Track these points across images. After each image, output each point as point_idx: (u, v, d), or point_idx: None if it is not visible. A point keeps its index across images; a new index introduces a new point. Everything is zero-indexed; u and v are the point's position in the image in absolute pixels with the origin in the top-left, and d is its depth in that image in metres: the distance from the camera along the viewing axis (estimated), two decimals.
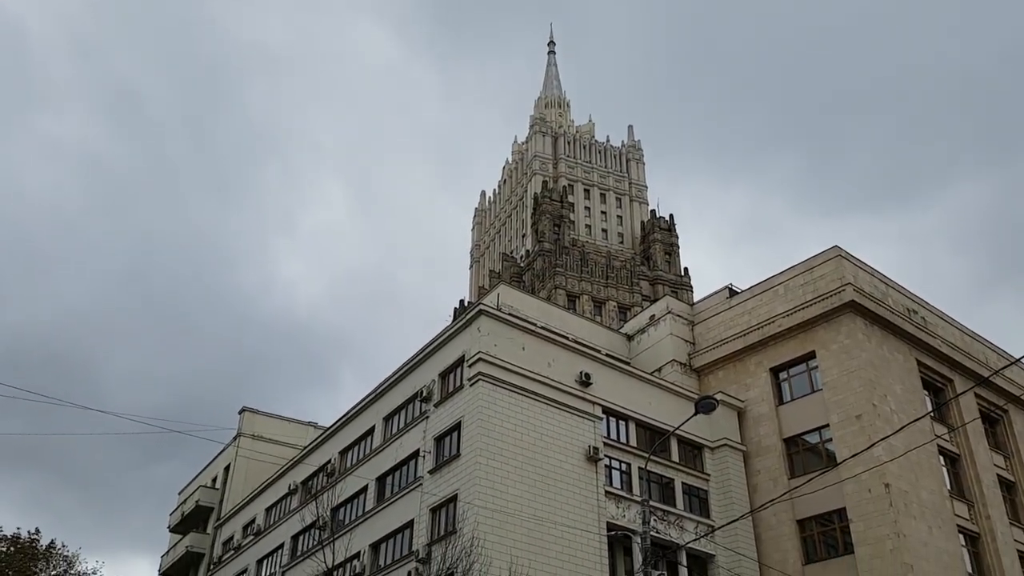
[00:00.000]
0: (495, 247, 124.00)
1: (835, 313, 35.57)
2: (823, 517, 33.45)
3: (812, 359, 36.25)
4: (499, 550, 26.59)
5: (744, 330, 39.02)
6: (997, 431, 40.29)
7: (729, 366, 39.34)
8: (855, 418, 33.24)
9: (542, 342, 32.84)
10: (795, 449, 35.80)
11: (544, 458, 30.12)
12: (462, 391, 31.12)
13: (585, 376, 32.93)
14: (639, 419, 34.34)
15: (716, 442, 36.18)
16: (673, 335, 41.11)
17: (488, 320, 31.77)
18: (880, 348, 35.69)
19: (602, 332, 44.32)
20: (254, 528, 46.09)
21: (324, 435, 42.27)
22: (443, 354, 33.48)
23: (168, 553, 57.10)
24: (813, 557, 33.19)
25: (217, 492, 54.27)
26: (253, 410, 55.19)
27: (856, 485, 32.01)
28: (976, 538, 34.95)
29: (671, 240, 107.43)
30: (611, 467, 32.56)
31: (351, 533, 33.68)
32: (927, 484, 33.38)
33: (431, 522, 30.30)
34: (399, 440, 34.45)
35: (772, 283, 39.04)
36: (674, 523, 32.74)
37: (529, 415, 30.70)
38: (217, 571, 49.52)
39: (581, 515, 29.90)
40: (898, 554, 30.17)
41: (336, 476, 38.33)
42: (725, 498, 34.89)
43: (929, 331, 38.43)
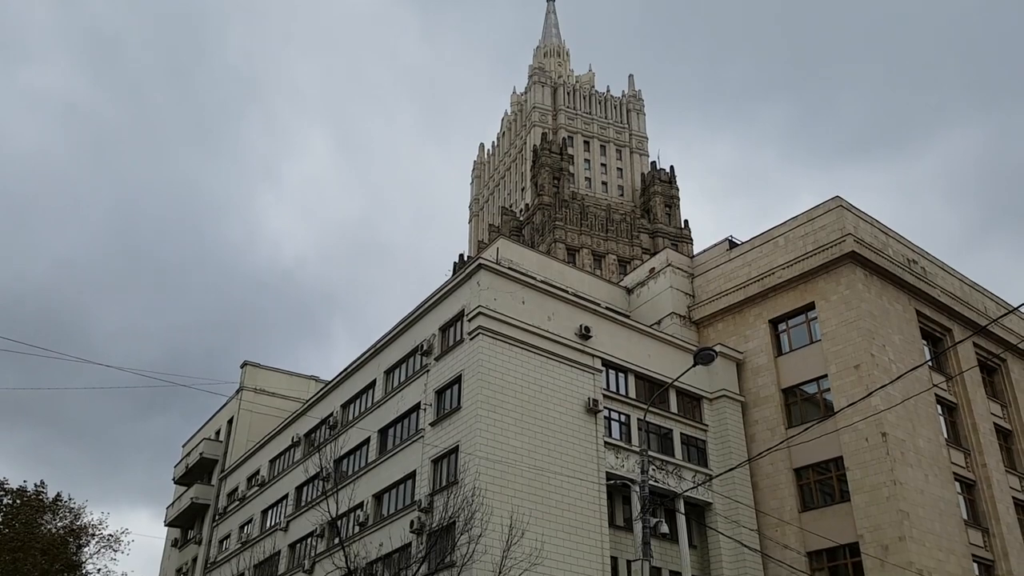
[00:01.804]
0: (494, 201, 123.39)
1: (835, 264, 35.56)
2: (820, 466, 33.87)
3: (811, 310, 36.34)
4: (500, 500, 26.97)
5: (744, 282, 39.03)
6: (995, 380, 40.57)
7: (728, 318, 39.45)
8: (853, 368, 33.44)
9: (542, 296, 32.87)
10: (793, 399, 36.09)
11: (544, 410, 30.38)
12: (462, 345, 31.24)
13: (585, 329, 33.03)
14: (638, 371, 34.55)
15: (715, 393, 36.46)
16: (673, 288, 41.13)
17: (488, 274, 31.76)
18: (879, 298, 35.75)
19: (602, 285, 44.34)
20: (258, 479, 46.72)
21: (326, 388, 42.57)
22: (443, 308, 33.54)
23: (173, 504, 58.01)
24: (810, 504, 33.68)
25: (221, 445, 54.88)
26: (255, 364, 55.55)
27: (853, 434, 32.34)
28: (972, 485, 35.42)
29: (671, 192, 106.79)
30: (610, 418, 32.86)
31: (354, 484, 34.12)
32: (924, 433, 33.71)
33: (433, 473, 30.68)
34: (400, 393, 34.71)
35: (772, 235, 38.95)
36: (672, 472, 33.15)
37: (529, 368, 30.87)
38: (222, 521, 50.32)
39: (581, 465, 30.26)
40: (894, 501, 30.60)
41: (338, 428, 38.71)
42: (723, 448, 35.28)
43: (928, 281, 38.46)
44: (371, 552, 30.12)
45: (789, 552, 32.39)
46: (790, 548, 32.59)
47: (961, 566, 31.60)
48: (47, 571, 32.69)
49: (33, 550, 32.06)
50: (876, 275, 36.13)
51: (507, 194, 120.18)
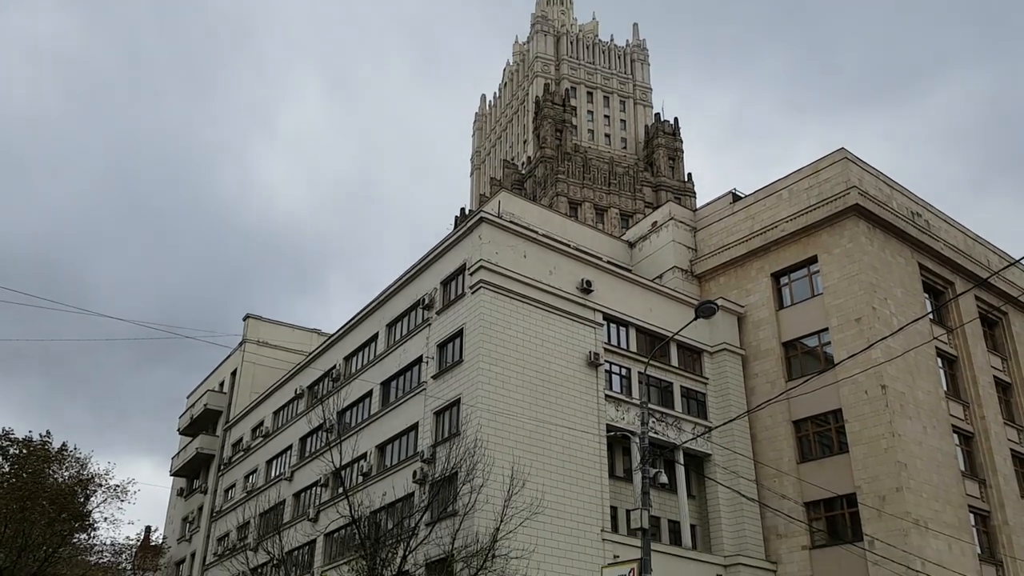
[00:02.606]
0: (496, 153, 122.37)
1: (839, 217, 35.36)
2: (819, 418, 34.12)
3: (814, 263, 36.26)
4: (501, 451, 27.24)
5: (747, 235, 38.87)
6: (996, 333, 40.64)
7: (731, 272, 39.38)
8: (854, 321, 33.47)
9: (543, 250, 32.78)
10: (793, 353, 36.22)
11: (545, 363, 30.51)
12: (464, 299, 31.26)
13: (586, 283, 33.01)
14: (639, 325, 34.61)
15: (715, 347, 36.57)
16: (675, 242, 40.98)
17: (489, 228, 31.63)
18: (882, 251, 35.63)
19: (604, 239, 44.19)
20: (262, 431, 47.22)
21: (328, 342, 42.76)
22: (444, 262, 33.48)
23: (179, 454, 58.76)
24: (808, 456, 34.01)
25: (225, 396, 55.38)
26: (257, 317, 55.81)
27: (853, 386, 32.52)
28: (970, 437, 35.72)
29: (675, 145, 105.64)
30: (611, 372, 33.02)
31: (357, 435, 34.46)
32: (924, 385, 33.88)
33: (435, 424, 30.95)
34: (402, 346, 34.84)
35: (776, 187, 38.67)
36: (672, 424, 33.42)
37: (531, 322, 30.93)
38: (228, 471, 51.01)
39: (581, 417, 30.51)
40: (892, 453, 30.88)
41: (341, 381, 38.98)
42: (723, 400, 35.52)
43: (932, 234, 38.28)
44: (375, 501, 30.49)
45: (786, 502, 32.80)
46: (787, 498, 33.00)
47: (957, 516, 32.02)
48: (55, 519, 33.12)
49: (40, 499, 32.44)
50: (879, 228, 35.95)
51: (509, 147, 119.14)
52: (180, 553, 55.15)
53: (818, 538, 32.47)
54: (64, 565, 36.60)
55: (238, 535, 44.69)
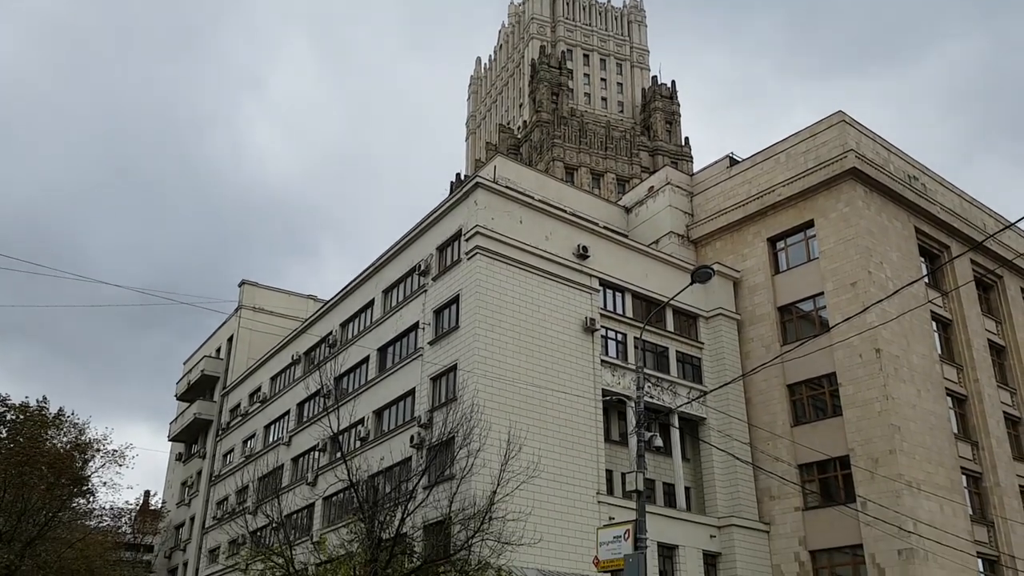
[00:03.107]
0: (492, 117, 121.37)
1: (836, 181, 35.25)
2: (813, 381, 34.34)
3: (810, 228, 36.22)
4: (498, 415, 27.39)
5: (743, 200, 38.76)
6: (990, 297, 40.78)
7: (727, 237, 39.33)
8: (850, 285, 33.53)
9: (540, 215, 32.66)
10: (789, 317, 36.32)
11: (542, 329, 30.58)
12: (460, 265, 31.21)
13: (582, 249, 32.95)
14: (635, 291, 34.63)
15: (711, 312, 36.64)
16: (672, 207, 40.86)
17: (485, 193, 31.47)
18: (879, 215, 35.58)
19: (600, 204, 44.04)
20: (260, 396, 47.42)
21: (325, 308, 42.76)
22: (440, 228, 33.36)
23: (176, 420, 59.08)
24: (802, 419, 34.27)
25: (221, 362, 55.51)
26: (253, 283, 55.74)
27: (847, 350, 32.68)
28: (963, 400, 36.00)
29: (672, 108, 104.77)
30: (607, 337, 33.11)
31: (355, 401, 34.62)
32: (918, 349, 34.06)
33: (432, 390, 31.08)
34: (399, 313, 34.86)
35: (773, 151, 38.47)
36: (667, 389, 33.61)
37: (527, 288, 30.92)
38: (226, 436, 51.31)
39: (577, 382, 30.65)
40: (886, 415, 31.13)
41: (338, 347, 39.05)
42: (718, 365, 35.68)
43: (928, 197, 38.22)
44: (372, 466, 30.75)
45: (780, 464, 33.12)
46: (781, 460, 33.32)
47: (950, 478, 32.38)
48: (53, 484, 33.36)
49: (39, 464, 32.65)
50: (876, 192, 35.86)
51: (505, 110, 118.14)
52: (179, 517, 55.69)
53: (811, 499, 32.85)
54: (64, 529, 36.94)
55: (237, 499, 45.10)
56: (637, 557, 18.73)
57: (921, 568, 28.89)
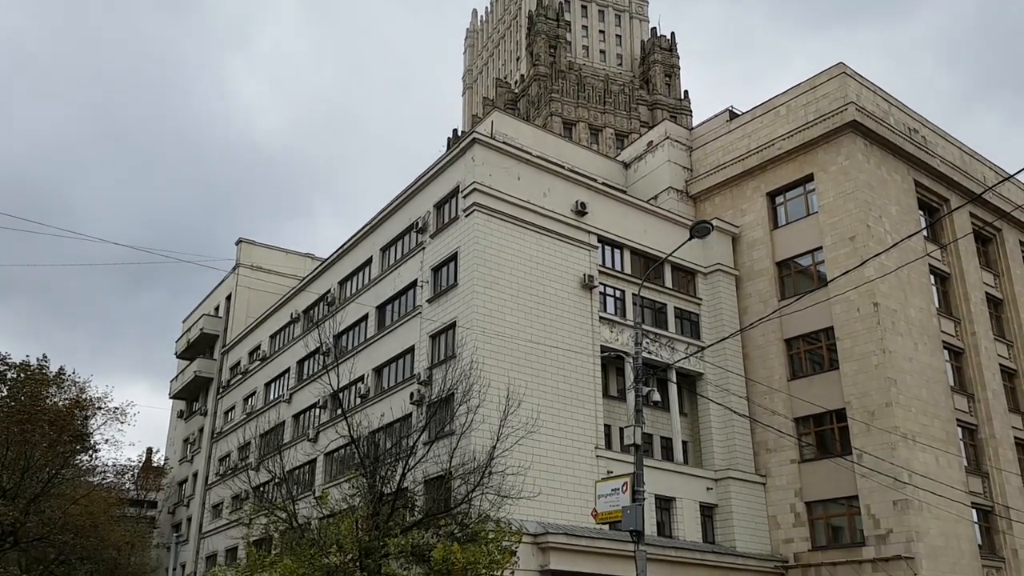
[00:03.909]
0: (488, 72, 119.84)
1: (836, 134, 34.97)
2: (810, 336, 34.46)
3: (810, 182, 36.02)
4: (497, 372, 27.52)
5: (743, 154, 38.48)
6: (989, 250, 40.74)
7: (726, 192, 39.12)
8: (848, 240, 33.46)
9: (538, 171, 32.42)
10: (787, 272, 36.31)
11: (540, 286, 30.57)
12: (457, 222, 31.07)
13: (581, 205, 32.78)
14: (634, 247, 34.55)
15: (709, 267, 36.61)
16: (671, 161, 40.56)
17: (482, 149, 31.20)
18: (878, 169, 35.37)
19: (598, 160, 43.71)
20: (259, 354, 47.60)
21: (323, 266, 42.71)
22: (437, 185, 33.15)
23: (177, 378, 59.42)
24: (799, 373, 34.47)
25: (220, 321, 55.63)
26: (250, 241, 55.62)
27: (845, 304, 32.75)
28: (960, 353, 36.18)
29: (671, 61, 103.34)
30: (605, 294, 33.13)
31: (354, 358, 34.76)
32: (915, 302, 34.12)
33: (431, 347, 31.18)
34: (397, 271, 34.81)
35: (773, 104, 38.09)
36: (665, 345, 33.73)
37: (525, 245, 30.84)
38: (226, 394, 51.64)
39: (576, 339, 30.74)
40: (882, 369, 31.31)
41: (336, 305, 39.08)
42: (716, 321, 35.76)
43: (928, 150, 37.96)
44: (373, 422, 30.90)
45: (777, 418, 33.40)
46: (778, 414, 33.59)
47: (945, 430, 32.69)
48: (55, 441, 33.57)
49: (41, 422, 32.81)
50: (876, 145, 35.61)
51: (502, 64, 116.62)
52: (182, 473, 56.31)
53: (807, 452, 33.19)
54: (68, 486, 37.32)
55: (239, 455, 45.54)
56: (635, 509, 18.97)
57: (916, 518, 29.31)
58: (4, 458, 32.96)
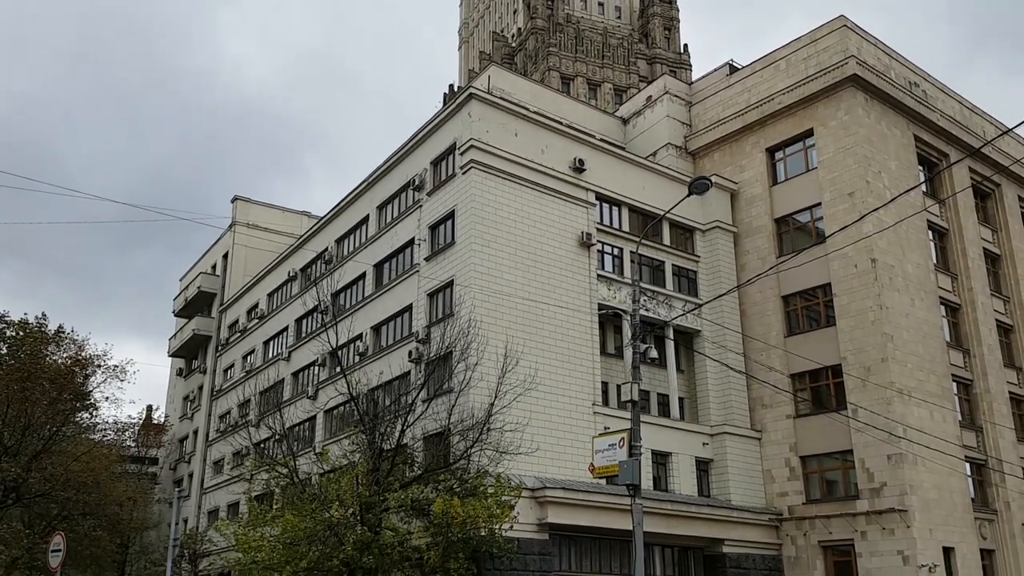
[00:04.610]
0: (485, 25, 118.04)
1: (836, 88, 34.62)
2: (807, 292, 34.53)
3: (809, 137, 35.76)
4: (495, 330, 27.59)
5: (742, 109, 38.12)
6: (987, 205, 40.64)
7: (725, 147, 38.85)
8: (847, 196, 33.33)
9: (535, 127, 32.11)
10: (785, 229, 36.23)
11: (538, 244, 30.48)
12: (454, 179, 30.86)
13: (579, 162, 32.54)
14: (632, 204, 34.40)
15: (707, 225, 36.50)
16: (670, 117, 40.19)
17: (479, 105, 30.86)
18: (878, 124, 35.10)
19: (597, 116, 43.28)
20: (258, 312, 47.65)
21: (319, 224, 42.52)
22: (434, 141, 32.85)
23: (176, 336, 59.56)
24: (795, 330, 34.61)
25: (218, 279, 55.60)
26: (246, 199, 55.34)
27: (843, 260, 32.76)
28: (957, 309, 36.29)
29: (671, 14, 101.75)
30: (603, 252, 33.06)
31: (352, 317, 34.77)
32: (913, 258, 34.14)
33: (429, 306, 31.21)
34: (394, 229, 34.67)
35: (773, 58, 37.64)
36: (663, 302, 33.78)
37: (522, 202, 30.67)
38: (225, 352, 51.82)
39: (573, 297, 30.77)
40: (879, 325, 31.43)
41: (334, 264, 39.01)
42: (714, 278, 35.77)
43: (929, 104, 37.64)
44: (372, 380, 31.14)
45: (773, 374, 33.62)
46: (774, 370, 33.81)
47: (941, 385, 32.93)
48: (56, 399, 33.78)
49: (41, 379, 32.97)
50: (877, 99, 35.28)
51: (498, 17, 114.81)
52: (183, 430, 56.75)
53: (803, 407, 33.48)
54: (68, 443, 37.65)
55: (239, 412, 45.88)
56: (632, 463, 19.16)
57: (910, 472, 29.68)
58: (5, 416, 33.21)
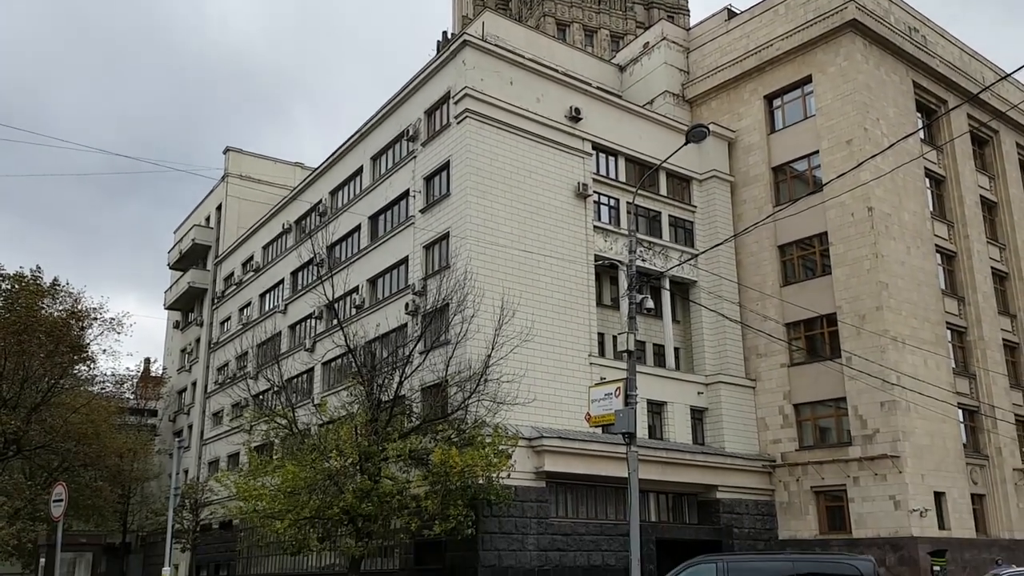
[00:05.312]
0: None
1: (836, 33, 34.13)
2: (804, 241, 34.51)
3: (808, 84, 35.36)
4: (491, 282, 27.57)
5: (741, 55, 37.60)
6: (985, 152, 40.42)
7: (723, 95, 38.41)
8: (845, 143, 33.10)
9: (531, 75, 31.64)
10: (782, 177, 36.04)
11: (533, 195, 30.28)
12: (449, 129, 30.51)
13: (575, 111, 32.16)
14: (629, 154, 34.10)
15: (704, 174, 36.27)
16: (667, 64, 39.63)
17: (473, 52, 30.35)
18: (877, 70, 34.69)
19: (593, 63, 42.64)
20: (253, 265, 47.52)
21: (312, 176, 42.16)
22: (427, 90, 32.39)
23: (171, 288, 59.50)
24: (791, 279, 34.66)
25: (212, 231, 55.33)
26: (237, 150, 54.78)
27: (840, 209, 32.68)
28: (952, 257, 36.34)
29: None
30: (600, 202, 32.89)
31: (348, 269, 34.71)
32: (910, 206, 34.05)
33: (425, 258, 31.13)
34: (388, 180, 34.40)
35: (772, 2, 37.04)
36: (659, 253, 33.75)
37: (518, 153, 30.37)
38: (221, 305, 51.83)
39: (570, 248, 30.69)
40: (874, 273, 31.49)
41: (328, 215, 38.78)
42: (710, 228, 35.68)
43: (928, 50, 37.16)
44: (369, 332, 31.21)
45: (768, 323, 33.77)
46: (769, 319, 33.96)
47: (935, 332, 33.13)
48: (53, 352, 33.78)
49: (37, 332, 32.92)
50: (876, 45, 34.81)
51: None
52: (181, 382, 57.05)
53: (797, 356, 33.70)
54: (67, 396, 37.80)
55: (237, 365, 46.07)
56: (627, 412, 19.29)
57: (903, 418, 30.03)
58: (3, 368, 33.26)
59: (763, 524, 32.27)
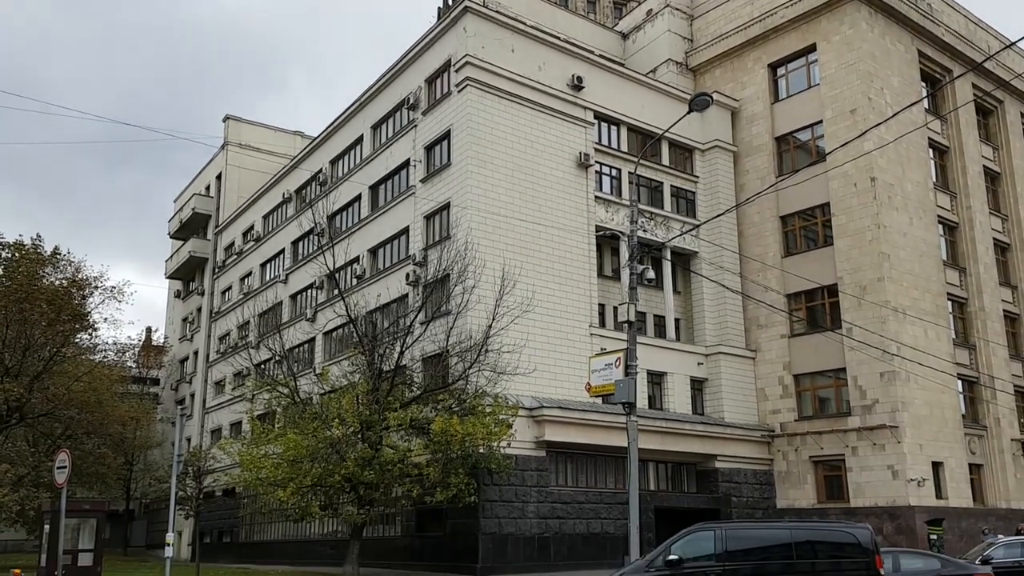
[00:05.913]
0: None
1: (840, 1, 33.73)
2: (806, 212, 34.38)
3: (812, 52, 35.01)
4: (492, 253, 27.51)
5: (745, 23, 37.18)
6: (989, 123, 40.14)
7: (727, 63, 38.03)
8: (849, 113, 32.84)
9: (532, 43, 31.30)
10: (786, 147, 35.81)
11: (535, 165, 30.10)
12: (450, 98, 30.25)
13: (577, 79, 31.86)
14: (631, 123, 33.84)
15: (707, 144, 36.03)
16: (671, 31, 39.19)
17: (474, 19, 30.00)
18: (882, 38, 34.33)
19: (596, 31, 42.14)
20: (254, 235, 47.43)
21: (312, 144, 41.91)
22: (428, 58, 32.07)
23: (172, 258, 59.46)
24: (793, 250, 34.60)
25: (212, 200, 55.13)
26: (237, 118, 54.36)
27: (842, 179, 32.52)
28: (955, 227, 36.24)
29: None
30: (601, 172, 32.70)
31: (349, 239, 34.60)
32: (913, 177, 33.88)
33: (425, 228, 31.04)
34: (388, 149, 34.18)
35: None
36: (661, 223, 33.63)
37: (520, 122, 30.14)
38: (222, 274, 51.82)
39: (571, 219, 30.58)
40: (876, 244, 31.42)
41: (329, 185, 38.61)
42: (712, 199, 35.51)
43: (934, 18, 36.75)
44: (370, 302, 31.24)
45: (769, 294, 33.77)
46: (771, 290, 33.95)
47: (935, 303, 33.14)
48: (54, 320, 33.84)
49: (39, 301, 32.96)
50: (881, 13, 34.42)
51: None
52: (183, 351, 57.22)
53: (798, 327, 33.75)
54: (69, 364, 37.96)
55: (239, 334, 46.19)
56: (627, 382, 19.36)
57: (902, 389, 30.14)
58: (5, 337, 33.36)
59: (761, 493, 32.55)
